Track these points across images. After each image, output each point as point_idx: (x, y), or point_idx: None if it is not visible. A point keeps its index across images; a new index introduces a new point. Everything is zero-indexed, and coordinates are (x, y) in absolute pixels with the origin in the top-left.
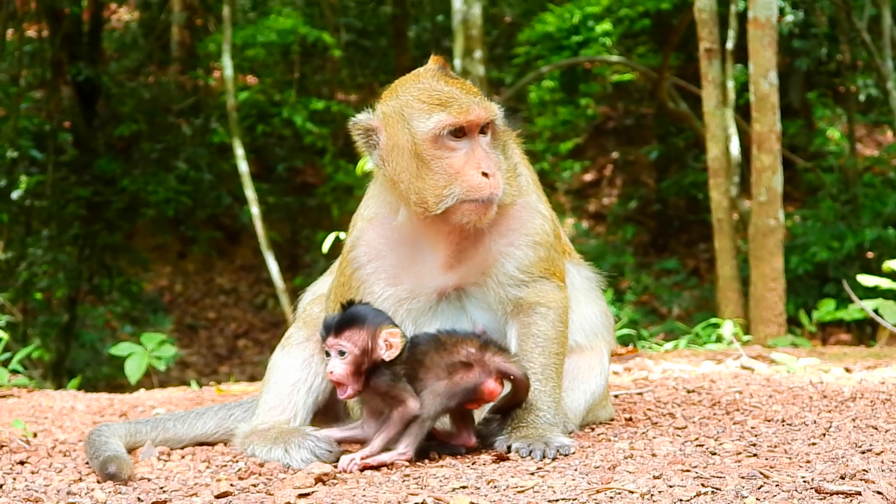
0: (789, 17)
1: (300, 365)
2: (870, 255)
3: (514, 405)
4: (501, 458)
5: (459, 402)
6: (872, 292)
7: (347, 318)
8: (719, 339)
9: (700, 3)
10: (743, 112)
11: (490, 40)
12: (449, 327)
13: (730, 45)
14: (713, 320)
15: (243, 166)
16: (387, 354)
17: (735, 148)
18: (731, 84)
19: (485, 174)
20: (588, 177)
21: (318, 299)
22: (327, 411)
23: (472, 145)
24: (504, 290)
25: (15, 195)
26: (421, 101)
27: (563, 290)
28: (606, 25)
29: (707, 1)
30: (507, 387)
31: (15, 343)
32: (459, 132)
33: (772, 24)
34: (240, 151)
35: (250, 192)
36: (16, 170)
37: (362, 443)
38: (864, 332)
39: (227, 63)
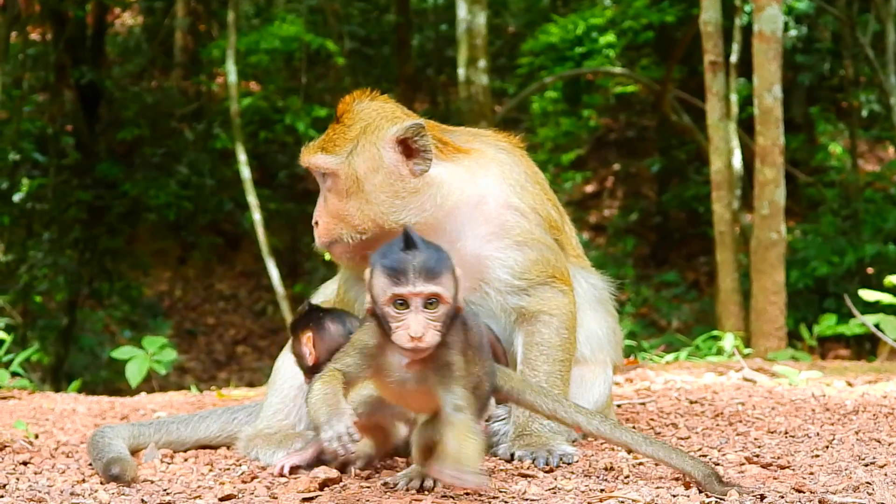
0: (793, 32)
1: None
2: (870, 270)
3: None
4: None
5: None
6: (873, 307)
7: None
8: (720, 352)
9: (706, 16)
10: (745, 126)
11: (494, 50)
12: None
13: (734, 58)
14: (714, 333)
15: (245, 172)
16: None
17: (738, 161)
18: (734, 97)
19: (316, 223)
20: (589, 188)
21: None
22: None
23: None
24: (504, 299)
25: (16, 198)
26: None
27: (568, 294)
28: (610, 37)
29: (713, 14)
30: None
31: (14, 346)
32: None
33: (777, 37)
34: (242, 157)
35: (252, 198)
36: (17, 173)
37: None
38: (864, 347)
39: (230, 69)
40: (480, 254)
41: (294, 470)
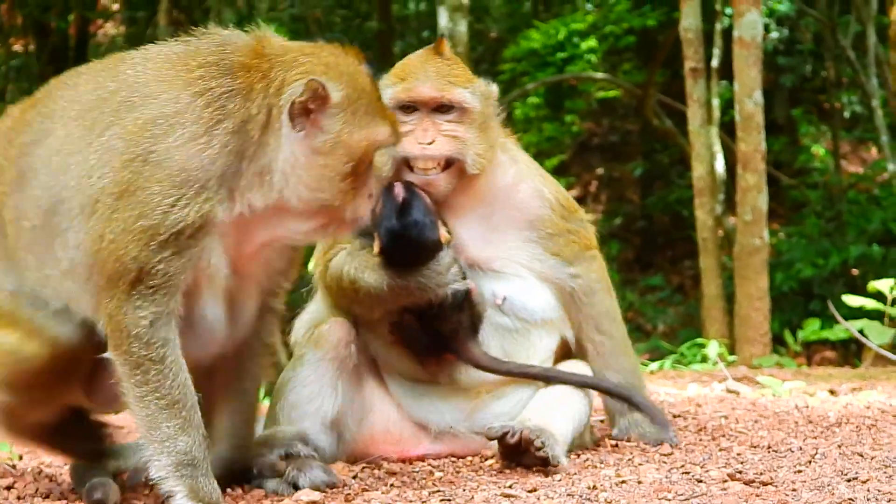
0: (774, 35)
1: (315, 382)
2: (854, 272)
3: None
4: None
5: None
6: (858, 311)
7: None
8: (704, 360)
9: (685, 23)
10: (728, 129)
11: (475, 56)
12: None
13: (715, 62)
14: (698, 340)
15: None
16: None
17: (720, 166)
18: (716, 102)
19: (420, 143)
20: (573, 193)
21: (314, 324)
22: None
23: (423, 121)
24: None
25: None
26: (393, 74)
27: (598, 257)
28: (592, 42)
29: (693, 20)
30: None
31: None
32: (408, 107)
33: (757, 43)
34: None
35: None
36: None
37: None
38: (850, 349)
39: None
40: (512, 234)
41: None
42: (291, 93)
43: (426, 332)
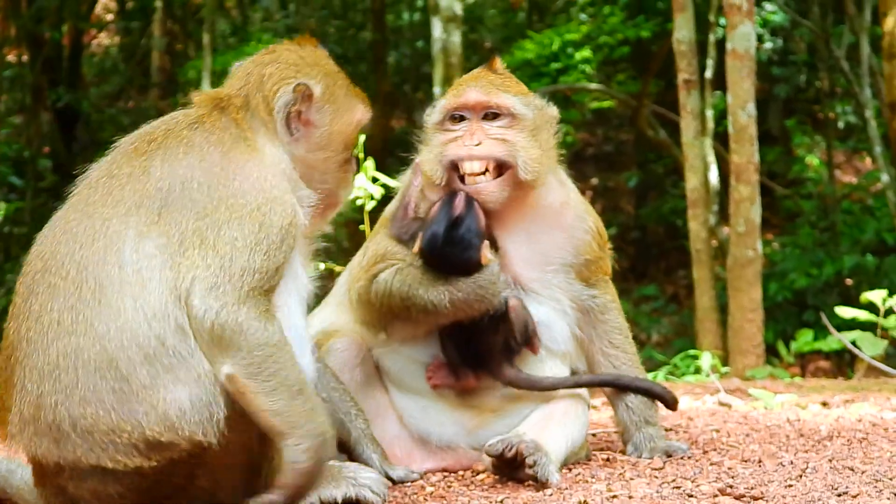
0: (768, 45)
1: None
2: (849, 282)
3: None
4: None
5: None
6: (851, 322)
7: None
8: (698, 371)
9: (678, 34)
10: (723, 139)
11: (470, 66)
12: None
13: (709, 73)
14: (692, 352)
15: None
16: None
17: (714, 176)
18: (710, 113)
19: (477, 143)
20: None
21: (326, 334)
22: None
23: (471, 126)
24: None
25: None
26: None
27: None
28: (586, 52)
29: (686, 32)
30: None
31: None
32: (457, 116)
33: (750, 55)
34: None
35: None
36: None
37: None
38: (844, 359)
39: (206, 90)
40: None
41: None
42: (280, 104)
43: (469, 347)
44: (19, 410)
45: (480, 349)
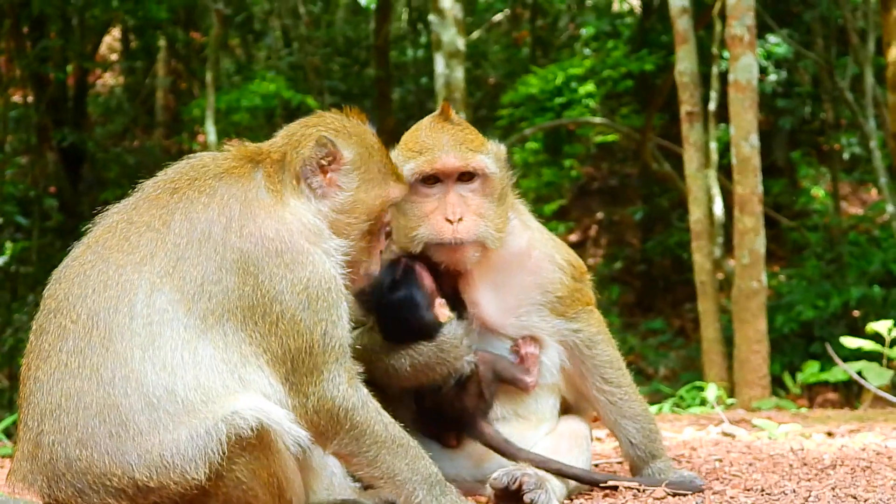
0: (772, 77)
1: None
2: (856, 313)
3: None
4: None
5: None
6: (858, 353)
7: None
8: (703, 403)
9: (681, 67)
10: (727, 171)
11: (474, 102)
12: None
13: (712, 105)
14: (697, 383)
15: None
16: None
17: (718, 208)
18: (714, 145)
19: (448, 220)
20: (573, 237)
21: None
22: None
23: (446, 191)
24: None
25: (0, 261)
26: (406, 147)
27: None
28: (590, 87)
29: (688, 64)
30: None
31: (0, 409)
32: (431, 179)
33: (753, 87)
34: None
35: None
36: (1, 236)
37: None
38: (852, 391)
39: (209, 129)
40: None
41: None
42: (304, 154)
43: (443, 410)
44: (21, 446)
45: (452, 414)
